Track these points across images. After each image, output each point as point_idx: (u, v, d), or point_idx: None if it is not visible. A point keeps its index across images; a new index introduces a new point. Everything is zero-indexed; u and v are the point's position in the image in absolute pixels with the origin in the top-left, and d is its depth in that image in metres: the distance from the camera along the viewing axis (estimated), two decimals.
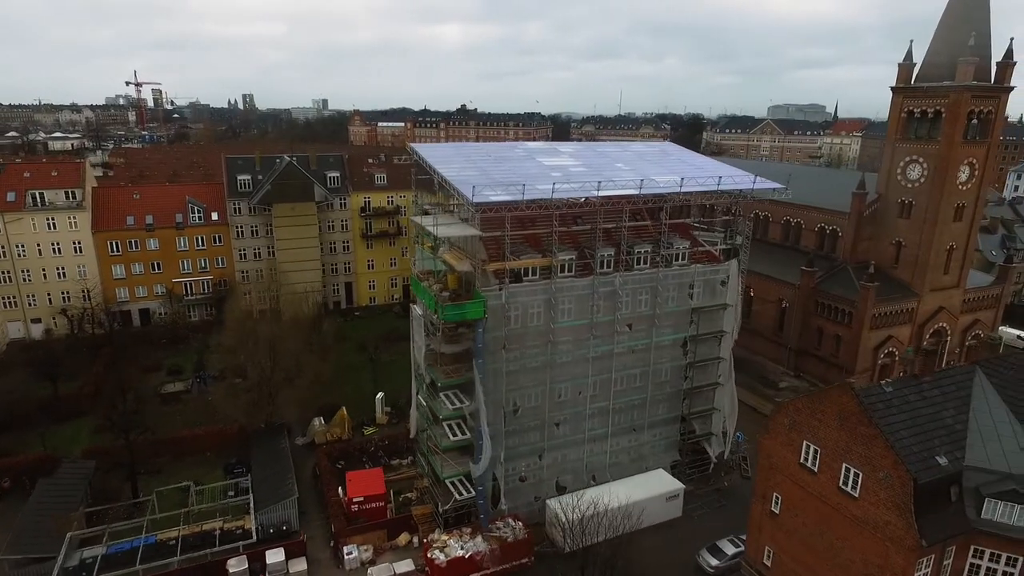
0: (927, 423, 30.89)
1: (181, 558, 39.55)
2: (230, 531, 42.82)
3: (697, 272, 47.63)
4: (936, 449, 29.96)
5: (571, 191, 40.84)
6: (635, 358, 47.63)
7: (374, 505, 45.03)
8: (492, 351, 41.95)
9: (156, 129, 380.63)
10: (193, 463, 53.15)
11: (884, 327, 66.87)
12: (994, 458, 29.94)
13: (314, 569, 41.89)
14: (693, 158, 54.91)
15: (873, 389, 31.92)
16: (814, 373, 71.61)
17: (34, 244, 74.70)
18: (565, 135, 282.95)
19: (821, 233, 75.37)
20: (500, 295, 41.08)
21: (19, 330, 76.04)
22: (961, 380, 33.36)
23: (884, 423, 29.79)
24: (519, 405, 44.05)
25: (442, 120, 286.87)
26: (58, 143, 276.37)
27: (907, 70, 67.04)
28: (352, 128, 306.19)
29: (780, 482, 35.09)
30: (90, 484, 47.01)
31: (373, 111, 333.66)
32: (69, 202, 75.59)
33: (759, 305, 76.88)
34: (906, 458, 28.76)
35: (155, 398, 63.41)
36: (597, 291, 44.19)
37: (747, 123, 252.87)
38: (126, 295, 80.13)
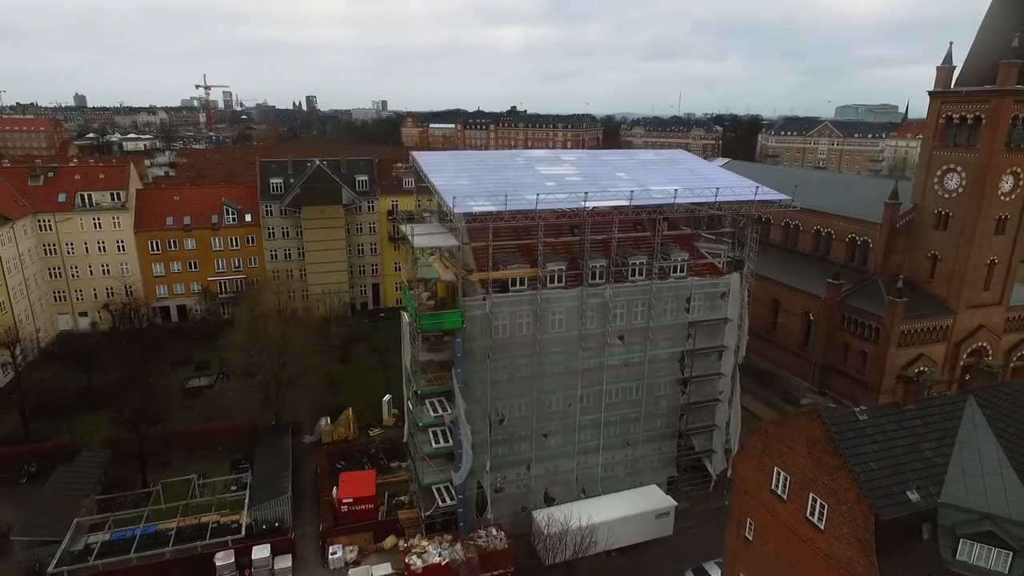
0: (902, 455, 29.14)
1: (173, 549, 41.43)
2: (225, 525, 44.53)
3: (695, 285, 46.43)
4: (909, 483, 28.26)
5: (556, 202, 40.57)
6: (629, 371, 46.86)
7: (363, 507, 45.88)
8: (477, 360, 42.14)
9: (223, 130, 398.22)
10: (204, 457, 55.55)
11: (914, 345, 63.40)
12: (973, 496, 28.01)
13: (300, 566, 43.13)
14: (702, 167, 53.53)
15: (845, 416, 30.33)
16: (839, 390, 68.61)
17: (82, 242, 79.52)
18: (615, 137, 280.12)
19: (852, 244, 72.09)
20: (484, 305, 41.19)
21: (68, 322, 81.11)
22: (950, 410, 31.33)
23: (852, 453, 28.30)
24: (505, 415, 44.06)
25: (492, 122, 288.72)
26: (131, 144, 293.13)
27: (946, 73, 63.41)
28: (405, 129, 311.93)
29: (753, 508, 33.86)
30: (105, 473, 49.80)
31: (428, 112, 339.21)
32: (114, 203, 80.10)
33: (784, 317, 74.21)
34: (871, 492, 27.26)
35: (179, 392, 66.43)
36: (586, 302, 43.70)
37: (805, 125, 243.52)
38: (165, 292, 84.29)
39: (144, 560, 40.70)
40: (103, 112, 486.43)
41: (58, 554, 40.06)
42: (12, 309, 69.59)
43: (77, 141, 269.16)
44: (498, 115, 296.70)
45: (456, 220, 39.48)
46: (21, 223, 73.73)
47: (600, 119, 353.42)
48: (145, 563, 40.55)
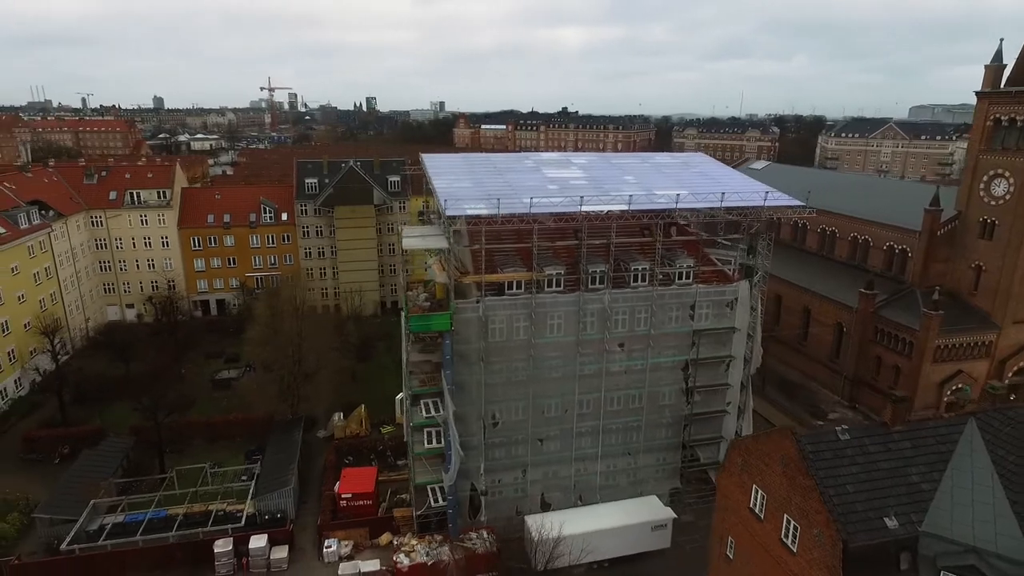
0: (884, 479, 27.51)
1: (176, 534, 43.29)
2: (230, 513, 46.19)
3: (700, 292, 45.14)
4: (888, 509, 26.68)
5: (551, 205, 40.25)
6: (630, 379, 46.01)
7: (361, 503, 46.70)
8: (471, 363, 42.28)
9: (285, 131, 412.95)
10: (223, 447, 57.69)
11: (952, 360, 59.79)
12: (959, 526, 26.18)
13: (296, 557, 44.28)
14: (718, 171, 51.95)
15: (825, 435, 28.87)
16: (870, 405, 65.34)
17: (130, 238, 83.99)
18: (667, 139, 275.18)
19: (890, 252, 68.53)
20: (477, 307, 41.28)
21: (116, 313, 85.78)
22: (945, 433, 29.37)
23: (826, 474, 26.95)
24: (499, 418, 44.02)
25: (542, 123, 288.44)
26: (198, 144, 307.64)
27: (995, 72, 59.52)
28: (457, 131, 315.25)
29: (734, 525, 32.68)
30: (127, 458, 52.43)
31: (483, 113, 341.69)
32: (160, 201, 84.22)
33: (816, 327, 71.21)
34: (843, 516, 25.89)
35: (209, 383, 69.26)
36: (583, 308, 43.16)
37: (868, 126, 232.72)
38: (205, 286, 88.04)
39: (149, 543, 42.68)
40: (177, 113, 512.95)
41: (72, 532, 42.48)
42: (63, 299, 74.16)
43: (150, 141, 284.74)
44: (549, 116, 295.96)
45: (448, 222, 39.63)
46: (74, 219, 78.48)
47: (655, 120, 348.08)
48: (150, 546, 42.51)
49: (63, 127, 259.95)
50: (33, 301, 67.96)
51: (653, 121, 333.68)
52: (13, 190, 71.86)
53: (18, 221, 67.07)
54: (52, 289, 72.08)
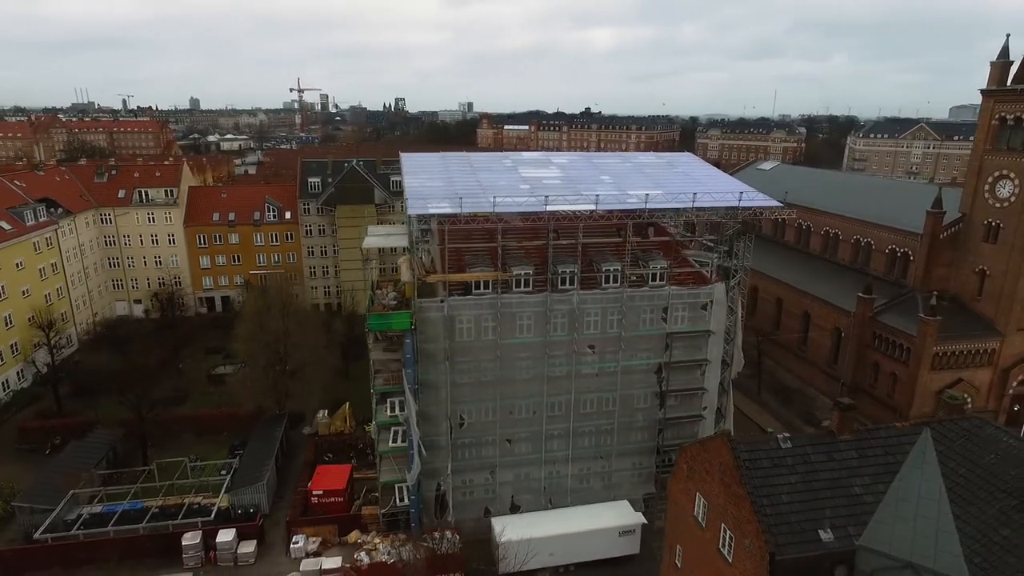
0: (825, 489, 26.49)
1: (147, 525, 44.04)
2: (205, 506, 46.84)
3: (673, 294, 44.24)
4: (824, 521, 25.70)
5: (515, 205, 39.89)
6: (602, 381, 45.32)
7: (332, 500, 46.95)
8: (437, 362, 42.14)
9: (314, 131, 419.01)
10: (210, 441, 58.54)
11: (951, 368, 57.57)
12: (898, 541, 25.06)
13: (265, 552, 44.69)
14: (702, 171, 50.91)
15: (764, 443, 27.95)
16: (867, 414, 63.14)
17: (137, 235, 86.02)
18: (691, 139, 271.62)
19: (892, 255, 66.35)
20: (442, 307, 41.13)
21: (124, 309, 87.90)
22: (896, 443, 28.20)
23: (761, 483, 26.09)
24: (466, 419, 43.78)
25: (565, 123, 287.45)
26: (227, 144, 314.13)
27: (1001, 69, 57.20)
28: (480, 131, 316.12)
29: (681, 533, 31.88)
30: (113, 450, 53.61)
31: (509, 114, 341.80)
32: (167, 199, 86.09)
33: (815, 332, 69.32)
34: (774, 527, 25.00)
35: (205, 378, 70.42)
36: (551, 309, 42.67)
37: (899, 127, 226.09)
38: (211, 283, 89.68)
39: (120, 534, 43.52)
40: (211, 114, 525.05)
41: (47, 522, 43.52)
42: (69, 294, 76.27)
43: (181, 141, 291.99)
44: (571, 117, 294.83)
45: (412, 221, 39.58)
46: (83, 216, 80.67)
47: (681, 121, 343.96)
48: (121, 537, 43.34)
49: (98, 128, 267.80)
50: (38, 295, 70.00)
51: (678, 122, 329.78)
52: (23, 188, 74.16)
53: (24, 218, 69.16)
54: (58, 284, 74.18)
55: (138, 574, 42.00)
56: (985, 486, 25.48)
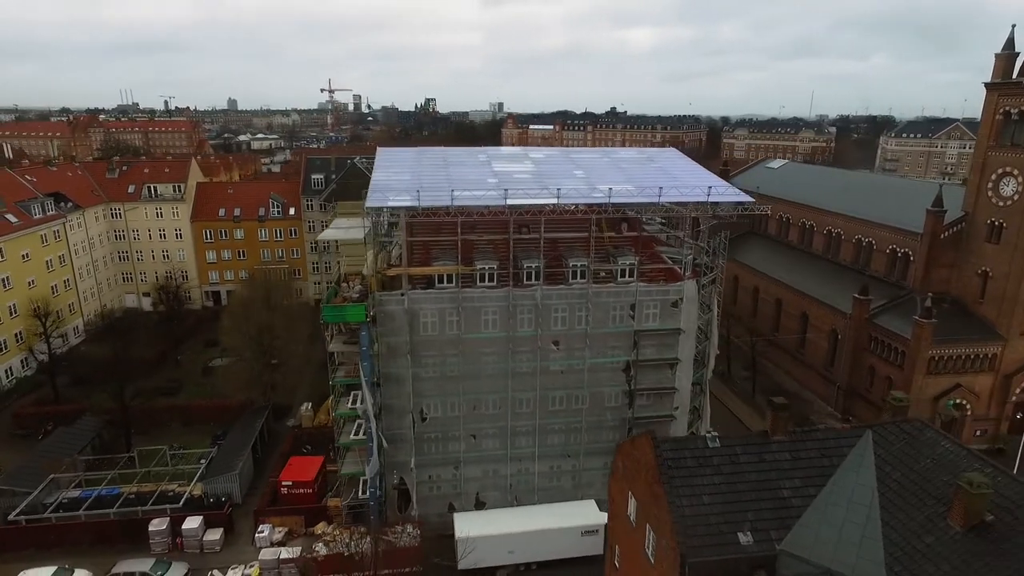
0: (751, 491, 25.53)
1: (117, 511, 44.98)
2: (179, 493, 47.64)
3: (641, 291, 43.35)
4: (746, 524, 24.76)
5: (474, 199, 39.62)
6: (570, 378, 44.67)
7: (301, 491, 47.30)
8: (399, 356, 42.10)
9: (344, 131, 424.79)
10: (197, 430, 59.59)
11: (949, 373, 55.31)
12: (821, 547, 23.98)
13: (232, 541, 45.26)
14: (681, 167, 49.79)
15: (691, 442, 27.16)
16: (863, 418, 61.11)
17: (146, 229, 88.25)
18: (716, 139, 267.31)
19: (892, 256, 63.99)
20: (402, 300, 41.06)
21: (134, 301, 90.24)
22: (833, 446, 27.07)
23: (683, 483, 25.29)
24: (428, 413, 43.63)
25: (589, 123, 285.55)
26: (257, 143, 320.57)
27: (1006, 61, 54.74)
28: (505, 130, 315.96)
29: (619, 533, 31.15)
30: (99, 437, 54.95)
31: (537, 114, 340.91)
32: (175, 195, 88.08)
33: (813, 334, 67.37)
34: (691, 528, 24.20)
35: (200, 369, 71.77)
36: (514, 304, 42.23)
37: (933, 126, 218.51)
38: (217, 278, 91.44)
39: (91, 519, 44.53)
40: (246, 114, 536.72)
41: (22, 504, 44.79)
42: (77, 286, 78.60)
43: (213, 141, 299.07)
44: (596, 116, 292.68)
45: (371, 214, 39.63)
46: (93, 211, 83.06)
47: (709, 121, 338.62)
48: (91, 521, 44.35)
49: (134, 127, 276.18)
50: (44, 287, 72.27)
51: (705, 122, 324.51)
52: (34, 183, 76.69)
53: (32, 211, 71.50)
54: (66, 276, 76.50)
55: (107, 558, 42.79)
56: (917, 491, 24.28)
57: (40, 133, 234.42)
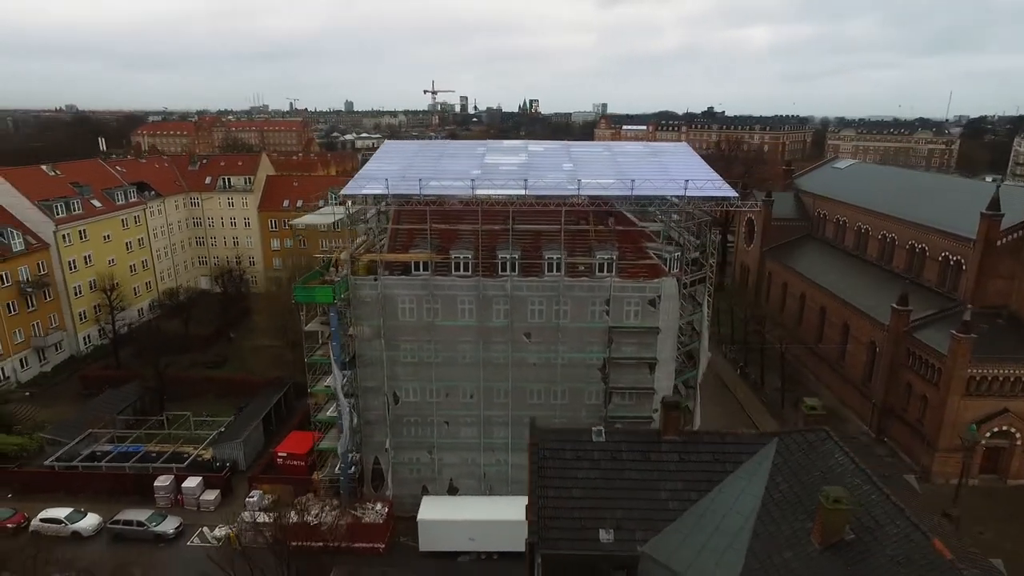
0: (627, 489, 24.49)
1: (131, 465, 49.80)
2: (191, 455, 52.03)
3: (615, 286, 42.26)
4: (612, 522, 23.83)
5: (443, 188, 40.46)
6: (546, 372, 44.36)
7: (295, 462, 50.15)
8: (372, 339, 43.70)
9: (445, 131, 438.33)
10: (229, 401, 64.25)
11: (993, 396, 49.47)
12: (683, 552, 22.62)
13: (227, 502, 48.81)
14: (682, 162, 47.78)
15: (577, 435, 26.28)
16: (899, 440, 56.07)
17: (219, 217, 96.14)
18: (822, 141, 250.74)
19: (944, 264, 57.88)
20: (376, 285, 42.60)
21: (207, 283, 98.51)
22: (732, 452, 25.35)
23: (557, 475, 24.77)
24: (400, 396, 44.88)
25: (683, 123, 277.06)
26: (361, 142, 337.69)
27: None
28: (597, 131, 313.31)
29: None
30: (141, 400, 60.89)
31: (641, 115, 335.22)
32: (245, 186, 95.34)
33: (853, 345, 62.34)
34: (552, 520, 23.75)
35: (250, 347, 77.26)
36: (484, 294, 42.58)
37: None
38: (280, 264, 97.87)
39: (110, 470, 49.63)
40: (357, 115, 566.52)
41: (58, 452, 50.69)
42: (154, 267, 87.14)
43: (320, 139, 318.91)
44: (692, 116, 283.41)
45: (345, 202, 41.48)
46: (173, 199, 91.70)
47: (820, 121, 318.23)
48: (110, 473, 49.41)
49: (252, 127, 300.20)
50: (123, 265, 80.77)
51: (818, 122, 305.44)
52: (122, 172, 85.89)
53: (115, 198, 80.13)
54: (144, 257, 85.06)
55: (118, 507, 47.50)
56: (795, 505, 22.52)
57: (171, 132, 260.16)
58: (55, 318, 71.39)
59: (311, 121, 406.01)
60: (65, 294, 72.03)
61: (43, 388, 66.76)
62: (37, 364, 69.22)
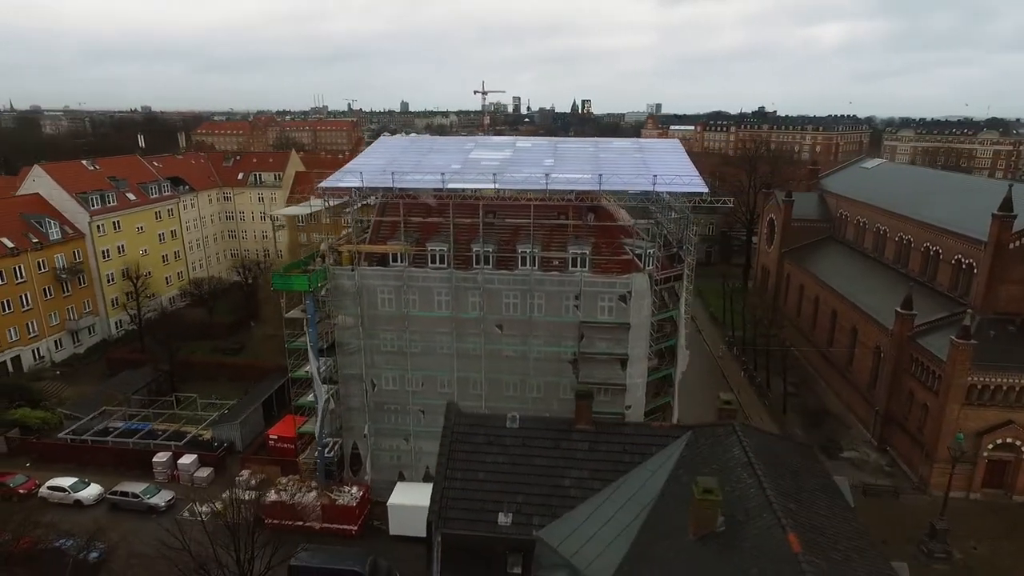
0: (531, 474, 24.79)
1: (135, 441, 52.87)
2: (195, 435, 54.84)
3: (585, 281, 42.31)
4: (512, 506, 24.17)
5: (414, 181, 41.52)
6: (519, 365, 44.79)
7: (285, 445, 52.13)
8: (351, 327, 45.13)
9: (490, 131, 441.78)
10: (238, 386, 67.20)
11: (996, 407, 47.07)
12: (574, 540, 22.73)
13: (219, 479, 51.13)
14: (663, 158, 47.35)
15: (490, 420, 26.67)
16: (900, 451, 53.89)
17: (250, 212, 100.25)
18: (878, 142, 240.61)
19: (957, 267, 55.17)
20: (353, 275, 44.02)
21: (239, 275, 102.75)
22: (644, 443, 25.31)
23: (467, 457, 25.29)
24: (377, 384, 46.13)
25: (733, 124, 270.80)
26: None
27: None
28: (644, 131, 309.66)
29: None
30: (155, 382, 64.38)
31: (694, 115, 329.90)
32: (275, 182, 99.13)
33: (860, 350, 60.16)
34: (454, 501, 24.28)
35: (261, 336, 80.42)
36: (456, 286, 43.38)
37: None
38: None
39: (116, 445, 52.82)
40: (410, 115, 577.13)
41: (72, 427, 54.30)
42: (186, 257, 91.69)
43: (369, 139, 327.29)
44: (742, 117, 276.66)
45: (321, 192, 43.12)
46: (206, 193, 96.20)
47: (884, 121, 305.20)
48: (114, 448, 52.60)
49: (304, 127, 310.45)
50: (155, 255, 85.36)
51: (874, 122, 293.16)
52: (159, 168, 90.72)
53: (149, 191, 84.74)
54: (176, 248, 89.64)
55: (123, 478, 50.53)
56: (687, 497, 22.37)
57: (227, 131, 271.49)
58: (89, 303, 76.13)
59: (364, 121, 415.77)
60: (98, 281, 76.71)
61: (74, 368, 71.35)
62: (71, 345, 73.99)
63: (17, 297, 67.43)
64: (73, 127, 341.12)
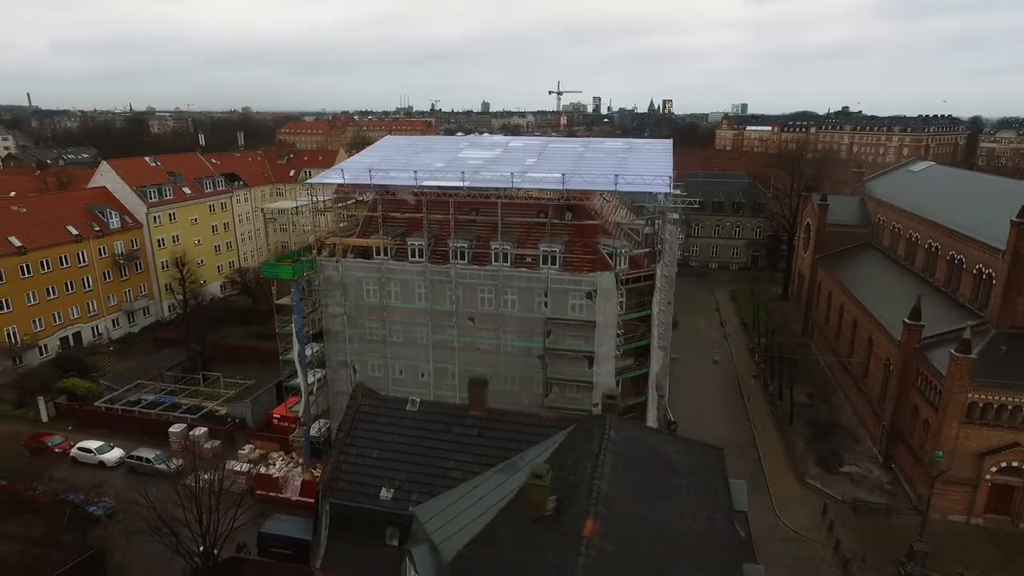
0: (420, 454, 26.20)
1: (158, 411, 57.98)
2: (212, 409, 59.54)
3: (552, 279, 43.00)
4: (396, 483, 25.60)
5: (388, 178, 43.64)
6: (493, 359, 46.02)
7: (286, 424, 55.70)
8: (336, 316, 47.87)
9: (563, 131, 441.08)
10: (267, 366, 71.56)
11: (1002, 427, 44.03)
12: (439, 517, 23.48)
13: (227, 452, 55.18)
14: (649, 158, 47.29)
15: (394, 403, 28.09)
16: (904, 468, 51.10)
17: None
18: (976, 144, 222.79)
19: (979, 277, 51.57)
20: (337, 267, 46.68)
21: None
22: (532, 433, 26.17)
23: (364, 436, 27.04)
24: (357, 371, 48.58)
25: (813, 124, 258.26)
26: None
27: None
28: (719, 132, 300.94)
29: None
30: (190, 361, 69.96)
31: (780, 116, 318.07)
32: None
33: (874, 362, 57.31)
34: (346, 474, 26.07)
35: None
36: (431, 279, 45.15)
37: None
38: None
39: (141, 415, 58.10)
40: (488, 115, 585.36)
41: (108, 396, 60.17)
42: (237, 248, 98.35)
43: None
44: (823, 117, 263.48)
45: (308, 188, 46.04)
46: (259, 189, 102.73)
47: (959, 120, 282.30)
48: (140, 417, 57.89)
49: (380, 126, 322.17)
50: (208, 246, 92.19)
51: (980, 122, 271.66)
52: (216, 165, 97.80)
53: (203, 186, 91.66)
54: (228, 239, 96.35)
55: (145, 445, 55.60)
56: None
57: (308, 131, 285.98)
58: (144, 287, 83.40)
59: (441, 120, 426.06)
60: (153, 267, 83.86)
61: (127, 345, 78.46)
62: (127, 325, 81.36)
63: (80, 279, 74.92)
64: (177, 127, 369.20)
